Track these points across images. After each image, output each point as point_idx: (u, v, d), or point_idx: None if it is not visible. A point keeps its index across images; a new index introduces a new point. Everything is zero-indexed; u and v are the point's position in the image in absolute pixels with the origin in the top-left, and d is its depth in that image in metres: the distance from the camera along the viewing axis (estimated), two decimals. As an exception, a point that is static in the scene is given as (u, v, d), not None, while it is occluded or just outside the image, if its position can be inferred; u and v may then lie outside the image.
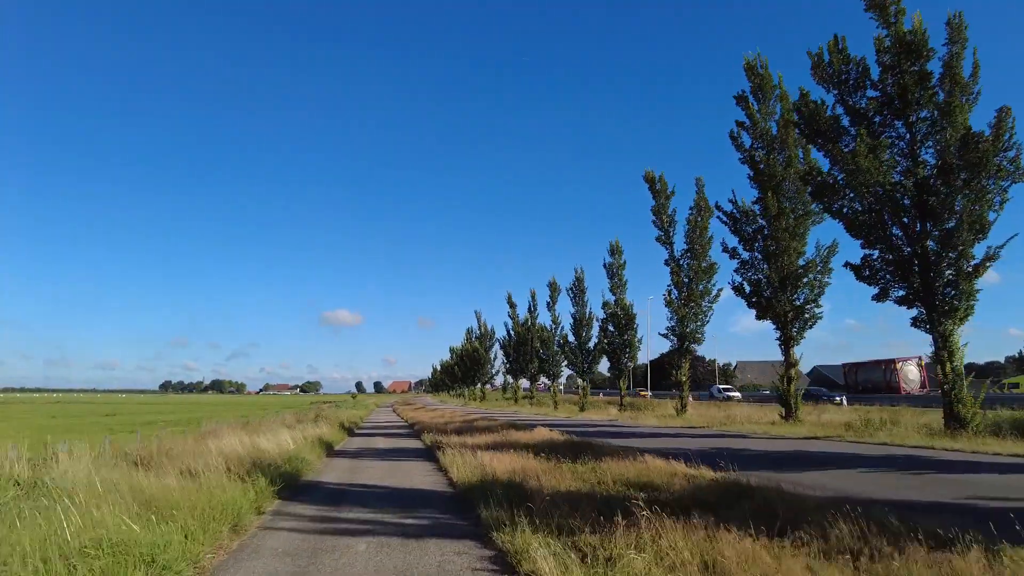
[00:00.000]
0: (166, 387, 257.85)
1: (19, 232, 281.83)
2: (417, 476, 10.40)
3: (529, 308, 52.20)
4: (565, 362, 39.01)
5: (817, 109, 16.24)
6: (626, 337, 32.95)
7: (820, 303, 20.55)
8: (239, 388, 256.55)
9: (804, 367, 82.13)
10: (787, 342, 20.94)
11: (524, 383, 58.71)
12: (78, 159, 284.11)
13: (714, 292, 27.32)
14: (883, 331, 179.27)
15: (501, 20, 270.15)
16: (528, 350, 51.23)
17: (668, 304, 27.25)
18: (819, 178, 16.68)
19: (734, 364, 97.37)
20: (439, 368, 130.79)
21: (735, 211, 22.47)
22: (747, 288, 22.12)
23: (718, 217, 23.07)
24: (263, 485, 8.01)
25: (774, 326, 21.27)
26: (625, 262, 33.65)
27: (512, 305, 57.35)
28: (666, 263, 27.71)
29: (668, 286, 27.56)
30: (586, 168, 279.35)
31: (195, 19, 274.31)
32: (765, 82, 21.87)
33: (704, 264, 27.16)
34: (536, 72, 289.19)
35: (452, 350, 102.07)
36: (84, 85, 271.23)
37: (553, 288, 45.45)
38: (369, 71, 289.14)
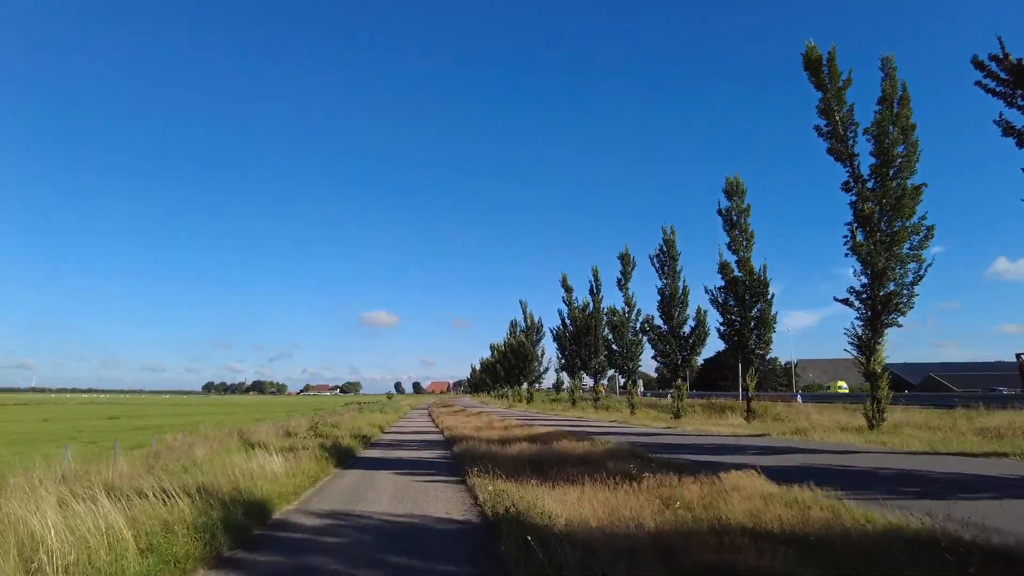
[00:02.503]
0: (208, 388, 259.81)
1: (72, 236, 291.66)
2: None
3: (591, 289, 42.30)
4: (654, 353, 29.19)
5: None
6: (755, 312, 22.81)
7: None
8: (280, 389, 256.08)
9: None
10: None
11: (587, 381, 48.95)
12: (126, 165, 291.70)
13: (924, 231, 16.95)
14: (934, 331, 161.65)
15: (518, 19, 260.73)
16: (592, 340, 41.33)
17: (854, 250, 17.05)
18: None
19: (794, 362, 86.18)
20: (478, 367, 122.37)
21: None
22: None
23: (980, 84, 12.86)
24: None
25: None
26: (749, 207, 23.51)
27: (568, 289, 47.56)
28: (845, 187, 17.52)
29: (849, 225, 17.38)
30: (629, 152, 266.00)
31: (240, 21, 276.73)
32: None
33: (909, 183, 16.85)
34: (559, 67, 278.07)
35: (493, 347, 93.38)
36: (130, 88, 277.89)
37: (626, 261, 35.49)
38: (406, 73, 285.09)
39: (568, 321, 47.28)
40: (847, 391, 53.92)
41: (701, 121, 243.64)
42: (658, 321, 29.51)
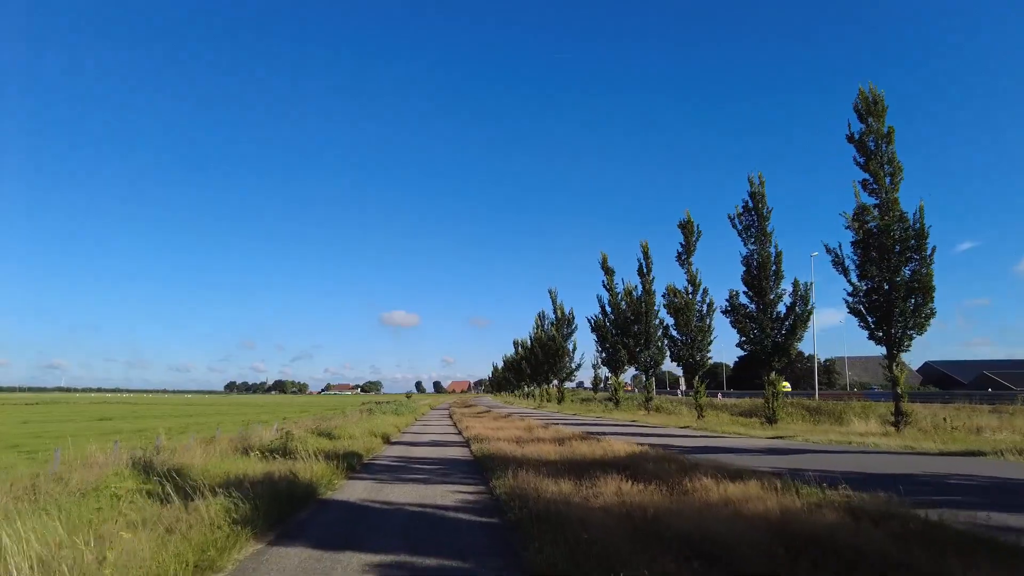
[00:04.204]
0: (231, 388, 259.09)
1: (103, 239, 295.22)
2: None
3: (639, 269, 35.43)
4: (739, 339, 22.49)
5: None
6: (906, 274, 16.06)
7: None
8: (301, 388, 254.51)
9: (914, 363, 61.26)
10: None
11: (624, 374, 42.24)
12: (149, 168, 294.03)
13: None
14: (962, 330, 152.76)
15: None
16: (643, 329, 34.64)
17: None
18: None
19: (826, 360, 79.53)
20: (501, 366, 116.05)
21: None
22: None
23: None
24: None
25: None
26: (893, 130, 16.75)
27: (608, 271, 40.77)
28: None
29: None
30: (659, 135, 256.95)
31: (264, 24, 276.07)
32: None
33: None
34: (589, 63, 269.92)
35: (517, 343, 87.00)
36: (151, 90, 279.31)
37: (688, 230, 28.73)
38: (421, 74, 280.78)
39: (609, 308, 40.65)
40: (788, 389, 54.15)
41: (718, 112, 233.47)
42: (743, 299, 22.89)
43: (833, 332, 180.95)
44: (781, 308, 22.24)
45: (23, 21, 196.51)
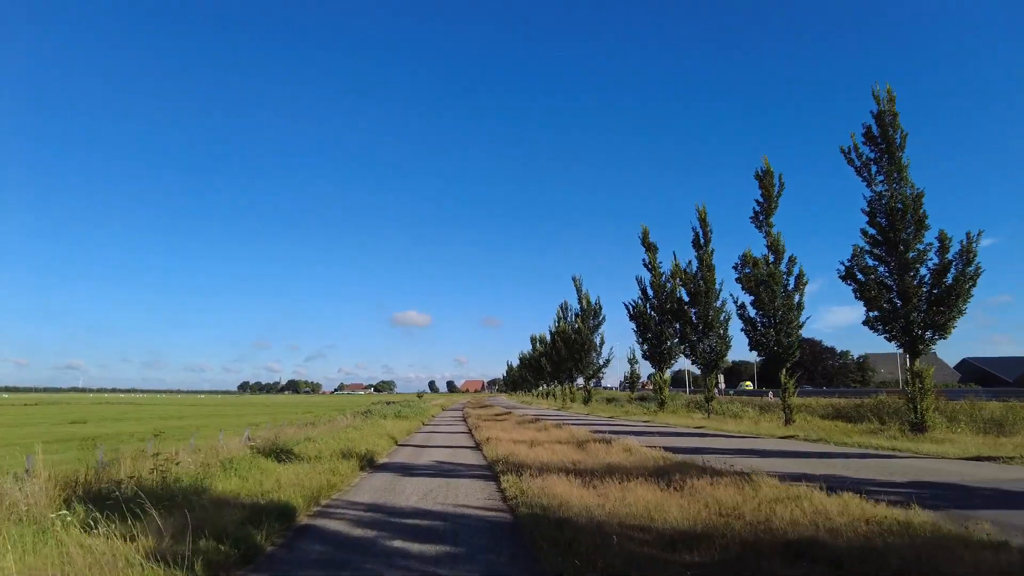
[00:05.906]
0: (244, 388, 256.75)
1: (115, 240, 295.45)
2: None
3: (695, 240, 28.73)
4: (867, 316, 15.99)
5: None
6: None
7: None
8: (314, 388, 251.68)
9: (950, 359, 50.02)
10: None
11: (662, 370, 35.84)
12: (163, 169, 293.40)
13: None
14: (982, 326, 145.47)
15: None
16: (704, 312, 28.00)
17: None
18: None
19: (859, 357, 73.59)
20: (516, 364, 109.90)
21: None
22: None
23: None
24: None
25: None
26: None
27: (650, 247, 34.34)
28: None
29: None
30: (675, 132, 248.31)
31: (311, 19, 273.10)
32: None
33: None
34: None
35: (535, 339, 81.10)
36: (162, 94, 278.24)
37: (767, 182, 22.18)
38: (429, 76, 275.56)
39: (652, 291, 34.33)
40: (751, 388, 53.81)
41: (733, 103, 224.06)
42: (872, 260, 16.46)
43: (845, 331, 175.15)
44: (924, 272, 15.85)
45: (23, 21, 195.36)
